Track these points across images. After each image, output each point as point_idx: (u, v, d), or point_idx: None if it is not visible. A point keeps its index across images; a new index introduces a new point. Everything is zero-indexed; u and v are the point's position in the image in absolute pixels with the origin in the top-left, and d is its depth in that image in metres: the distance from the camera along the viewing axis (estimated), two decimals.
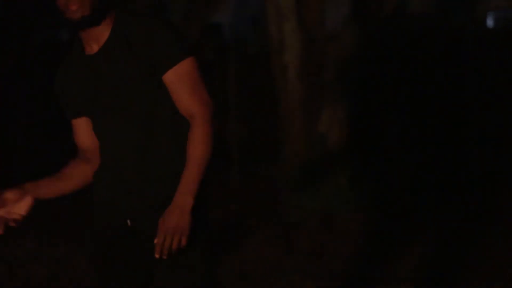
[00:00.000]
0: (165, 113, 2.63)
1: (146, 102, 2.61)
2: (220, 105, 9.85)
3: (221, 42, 10.32)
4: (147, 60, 2.59)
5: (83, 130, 2.73)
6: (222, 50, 9.92)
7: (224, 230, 6.65)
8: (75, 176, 2.75)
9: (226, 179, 8.52)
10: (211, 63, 9.83)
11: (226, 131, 8.96)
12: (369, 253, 6.36)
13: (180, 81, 2.59)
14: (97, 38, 2.64)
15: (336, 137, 7.70)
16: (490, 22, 8.47)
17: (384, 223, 7.01)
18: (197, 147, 2.56)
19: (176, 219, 2.52)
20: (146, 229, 2.62)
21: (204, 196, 2.61)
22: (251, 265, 5.94)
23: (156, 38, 2.58)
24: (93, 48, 2.65)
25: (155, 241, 2.52)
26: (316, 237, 6.60)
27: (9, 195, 2.67)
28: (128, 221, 2.65)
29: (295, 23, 7.46)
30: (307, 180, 7.31)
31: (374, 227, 6.96)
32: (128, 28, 2.62)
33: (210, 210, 2.68)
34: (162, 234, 2.51)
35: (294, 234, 6.63)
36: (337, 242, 6.47)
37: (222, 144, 8.77)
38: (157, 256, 2.52)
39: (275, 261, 6.02)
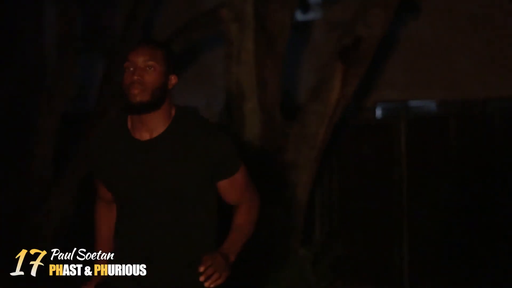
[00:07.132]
0: (200, 210, 2.85)
1: (189, 196, 2.82)
2: None
3: None
4: (206, 164, 2.80)
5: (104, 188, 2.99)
6: None
7: None
8: (112, 222, 3.03)
9: None
10: None
11: None
12: None
13: (232, 186, 2.89)
14: (150, 126, 2.80)
15: None
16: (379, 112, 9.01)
17: None
18: (245, 218, 2.88)
19: (221, 260, 2.75)
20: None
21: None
22: None
23: (218, 148, 2.82)
24: (143, 135, 2.83)
25: (201, 268, 2.71)
26: None
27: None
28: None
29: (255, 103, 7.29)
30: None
31: None
32: (189, 127, 2.82)
33: None
34: (209, 261, 2.71)
35: None
36: None
37: None
38: (201, 279, 2.69)
39: None
